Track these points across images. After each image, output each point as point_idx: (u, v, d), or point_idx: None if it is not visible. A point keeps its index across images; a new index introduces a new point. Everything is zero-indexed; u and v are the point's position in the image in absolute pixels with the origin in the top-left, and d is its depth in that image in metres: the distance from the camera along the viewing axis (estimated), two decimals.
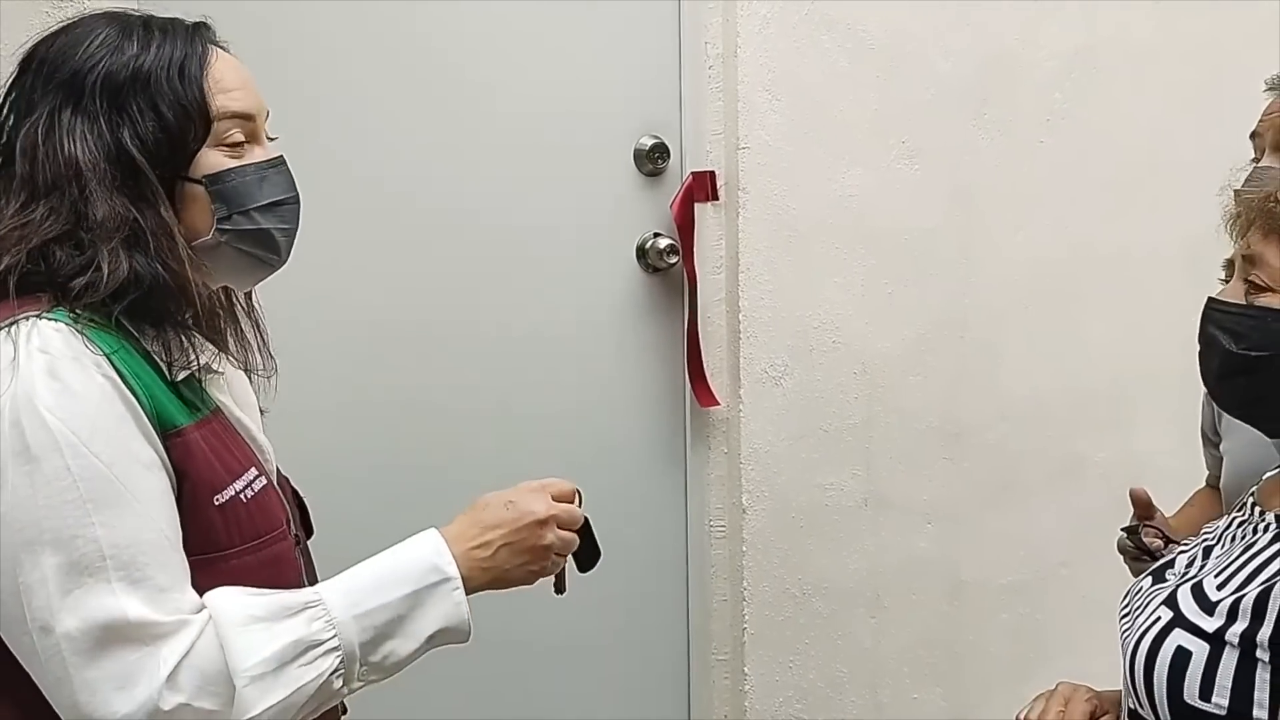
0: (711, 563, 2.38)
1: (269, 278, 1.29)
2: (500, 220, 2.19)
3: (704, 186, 2.27)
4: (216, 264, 1.20)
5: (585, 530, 1.29)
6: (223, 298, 1.28)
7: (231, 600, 1.09)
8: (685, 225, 2.26)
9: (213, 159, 1.17)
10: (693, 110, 2.26)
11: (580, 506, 1.28)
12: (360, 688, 1.15)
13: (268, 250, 1.23)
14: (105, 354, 1.08)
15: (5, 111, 1.17)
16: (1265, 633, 1.11)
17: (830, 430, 2.37)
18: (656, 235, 2.27)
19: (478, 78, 2.15)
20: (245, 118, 1.19)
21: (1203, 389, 1.59)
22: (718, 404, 2.32)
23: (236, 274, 1.24)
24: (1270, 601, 1.12)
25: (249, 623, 1.07)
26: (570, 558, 1.29)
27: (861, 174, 2.33)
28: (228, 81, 1.18)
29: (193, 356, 1.15)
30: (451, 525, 1.21)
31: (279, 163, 1.23)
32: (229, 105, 1.17)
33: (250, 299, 1.34)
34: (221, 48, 1.22)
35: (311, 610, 1.10)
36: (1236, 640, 1.13)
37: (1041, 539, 2.49)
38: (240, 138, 1.19)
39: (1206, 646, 1.15)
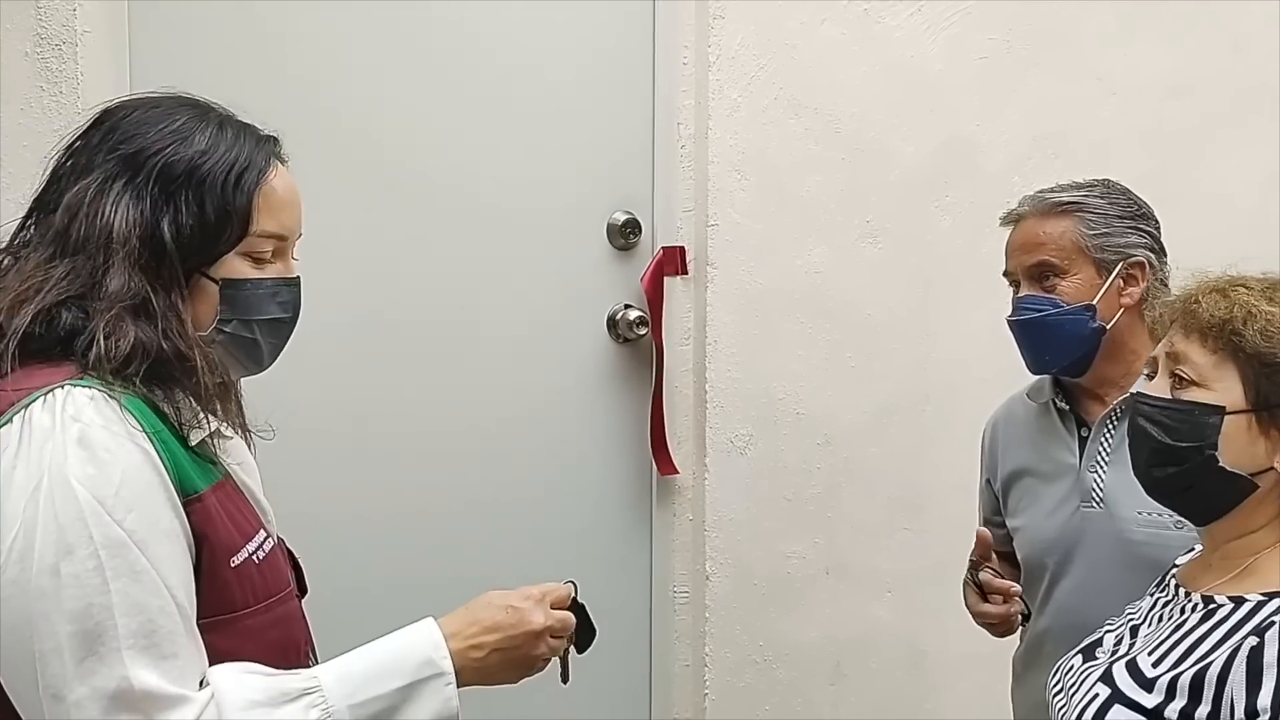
0: (675, 628, 2.42)
1: None
2: (475, 289, 2.25)
3: (674, 261, 2.33)
4: None
5: (580, 615, 1.32)
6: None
7: (233, 682, 1.11)
8: (655, 298, 2.32)
9: (236, 265, 1.21)
10: (664, 188, 2.34)
11: (576, 595, 1.32)
12: None
13: (251, 359, 1.26)
14: (138, 421, 1.11)
15: (64, 162, 1.20)
16: (1203, 711, 1.17)
17: (793, 499, 2.42)
18: (627, 307, 2.33)
19: (457, 151, 2.22)
20: (280, 237, 1.24)
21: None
22: (677, 473, 2.37)
23: None
24: (1206, 682, 1.17)
25: (249, 708, 1.09)
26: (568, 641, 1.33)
27: (826, 252, 2.40)
28: (278, 201, 1.23)
29: (204, 419, 1.17)
30: (450, 618, 1.23)
31: (294, 283, 1.27)
32: (269, 225, 1.22)
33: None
34: (283, 162, 1.26)
35: (310, 697, 1.12)
36: (1175, 717, 1.18)
37: None
38: (269, 253, 1.23)
39: None
